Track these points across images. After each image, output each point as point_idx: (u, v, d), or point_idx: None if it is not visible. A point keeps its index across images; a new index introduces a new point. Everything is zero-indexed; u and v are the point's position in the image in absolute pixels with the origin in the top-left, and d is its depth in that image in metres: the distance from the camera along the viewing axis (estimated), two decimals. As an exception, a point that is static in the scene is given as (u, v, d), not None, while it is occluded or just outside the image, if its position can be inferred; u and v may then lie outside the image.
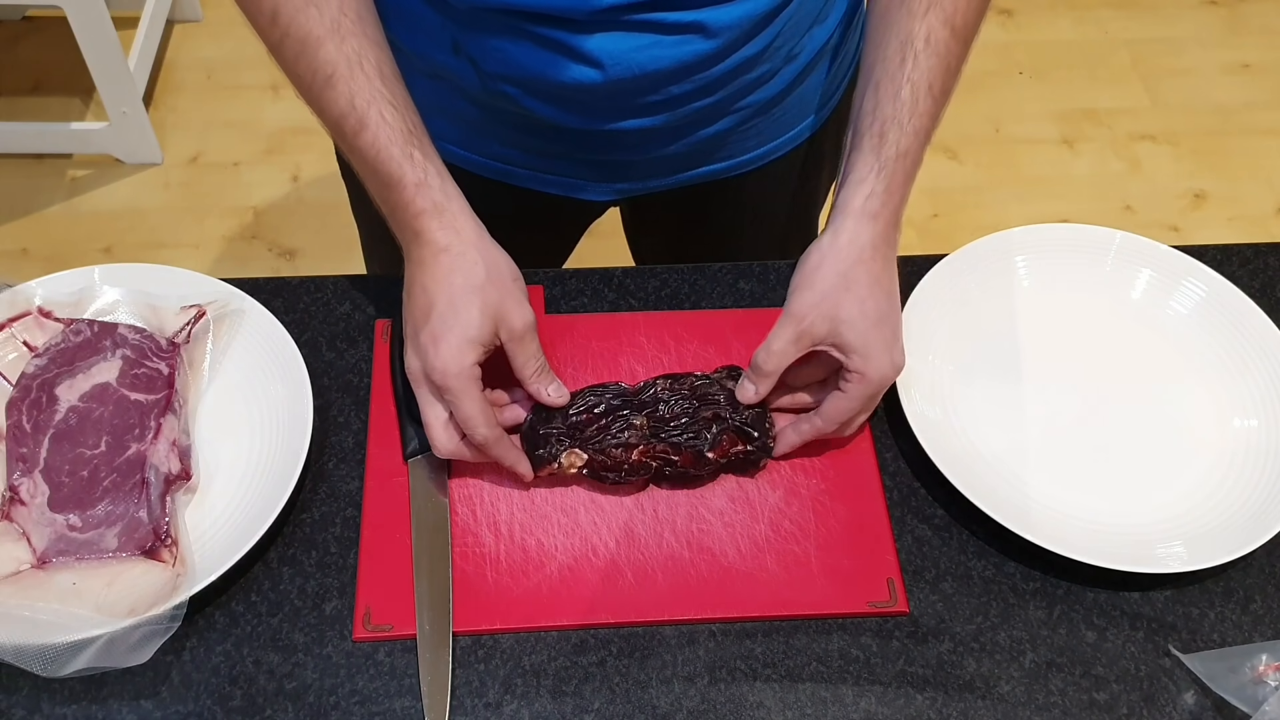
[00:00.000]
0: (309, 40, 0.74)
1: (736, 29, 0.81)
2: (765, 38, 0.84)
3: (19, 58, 2.35)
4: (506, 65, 0.83)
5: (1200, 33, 2.53)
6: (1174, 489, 0.81)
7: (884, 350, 0.76)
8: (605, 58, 0.80)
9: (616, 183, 0.97)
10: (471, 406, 0.73)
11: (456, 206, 0.75)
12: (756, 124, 0.94)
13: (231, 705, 0.71)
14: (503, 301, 0.74)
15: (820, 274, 0.76)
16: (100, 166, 2.19)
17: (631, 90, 0.83)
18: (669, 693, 0.72)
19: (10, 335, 0.82)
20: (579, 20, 0.78)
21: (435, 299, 0.74)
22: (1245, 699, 0.71)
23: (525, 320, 0.75)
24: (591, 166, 0.95)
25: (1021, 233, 0.92)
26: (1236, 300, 0.89)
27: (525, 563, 0.76)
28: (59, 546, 0.73)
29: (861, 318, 0.75)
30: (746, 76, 0.87)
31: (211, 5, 2.45)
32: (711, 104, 0.88)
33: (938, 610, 0.76)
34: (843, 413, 0.78)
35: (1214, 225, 2.20)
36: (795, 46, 0.89)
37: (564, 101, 0.85)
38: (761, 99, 0.91)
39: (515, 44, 0.81)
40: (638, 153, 0.93)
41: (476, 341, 0.73)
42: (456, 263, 0.74)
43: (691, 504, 0.79)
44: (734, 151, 0.96)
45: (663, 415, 0.79)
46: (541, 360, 0.77)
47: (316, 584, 0.76)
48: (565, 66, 0.81)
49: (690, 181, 0.98)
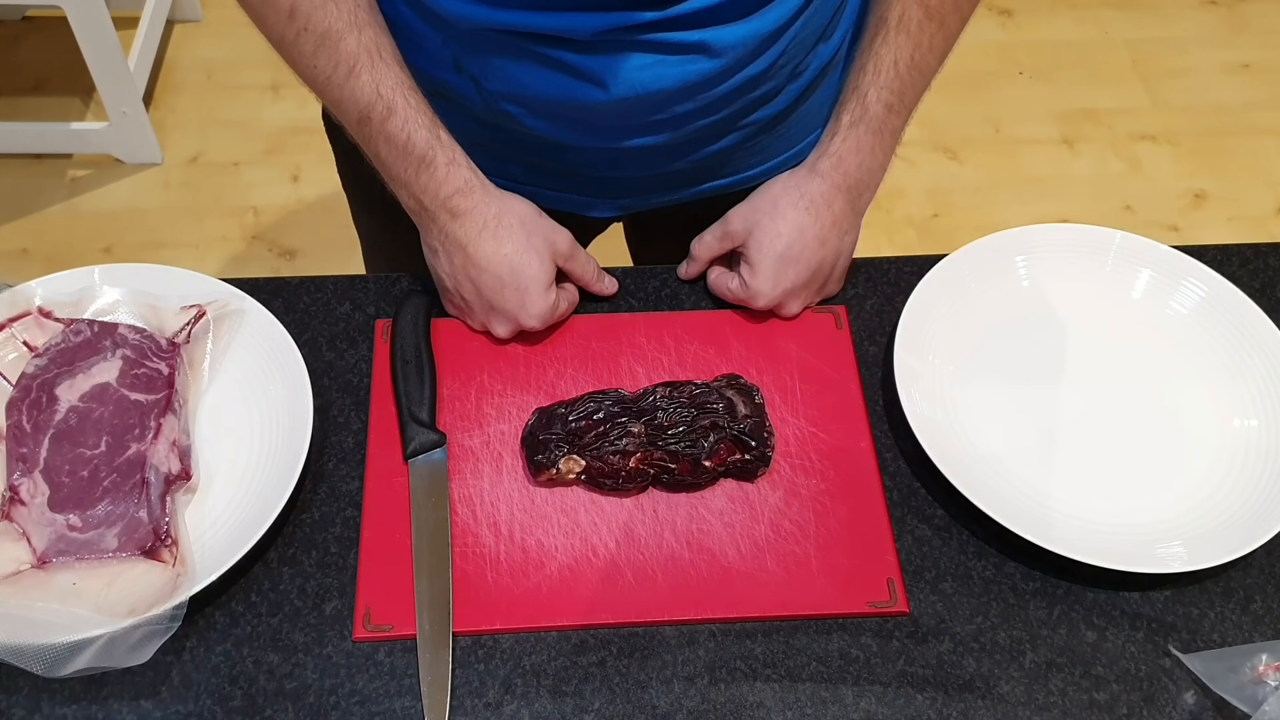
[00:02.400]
0: (330, 34, 0.76)
1: (741, 48, 0.81)
2: (770, 56, 0.84)
3: (19, 58, 2.34)
4: (509, 84, 0.83)
5: (1200, 33, 2.53)
6: (1174, 489, 0.81)
7: (772, 278, 0.86)
8: (609, 77, 0.80)
9: (620, 199, 0.97)
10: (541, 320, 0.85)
11: (478, 179, 0.82)
12: (761, 140, 0.94)
13: (231, 705, 0.71)
14: (545, 236, 0.84)
15: (761, 194, 0.88)
16: (100, 166, 2.19)
17: (635, 109, 0.83)
18: (669, 693, 0.72)
19: (10, 335, 0.82)
20: (582, 40, 0.78)
21: (499, 270, 0.82)
22: (1245, 699, 0.71)
23: (567, 238, 0.86)
24: (595, 184, 0.95)
25: (1021, 233, 0.92)
26: (1236, 300, 0.89)
27: (525, 563, 0.76)
28: (59, 546, 0.73)
29: (771, 241, 0.85)
30: (751, 94, 0.86)
31: (211, 5, 2.45)
32: (716, 122, 0.87)
33: (938, 610, 0.76)
34: (725, 292, 0.89)
35: (1214, 225, 2.20)
36: (800, 64, 0.88)
37: (567, 120, 0.85)
38: (766, 116, 0.90)
39: (518, 64, 0.81)
40: (641, 170, 0.92)
41: (548, 281, 0.84)
42: (499, 231, 0.82)
43: (691, 504, 0.79)
44: (738, 168, 0.96)
45: (661, 423, 0.79)
46: (594, 261, 0.89)
47: (316, 584, 0.76)
48: (568, 86, 0.81)
49: (694, 198, 0.98)
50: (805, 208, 0.85)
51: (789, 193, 0.86)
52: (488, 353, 0.86)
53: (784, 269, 0.85)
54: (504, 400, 0.84)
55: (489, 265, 0.82)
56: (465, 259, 0.82)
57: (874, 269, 0.93)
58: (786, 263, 0.85)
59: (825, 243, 0.86)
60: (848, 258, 0.90)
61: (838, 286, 0.90)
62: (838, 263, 0.88)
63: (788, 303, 0.87)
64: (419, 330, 0.85)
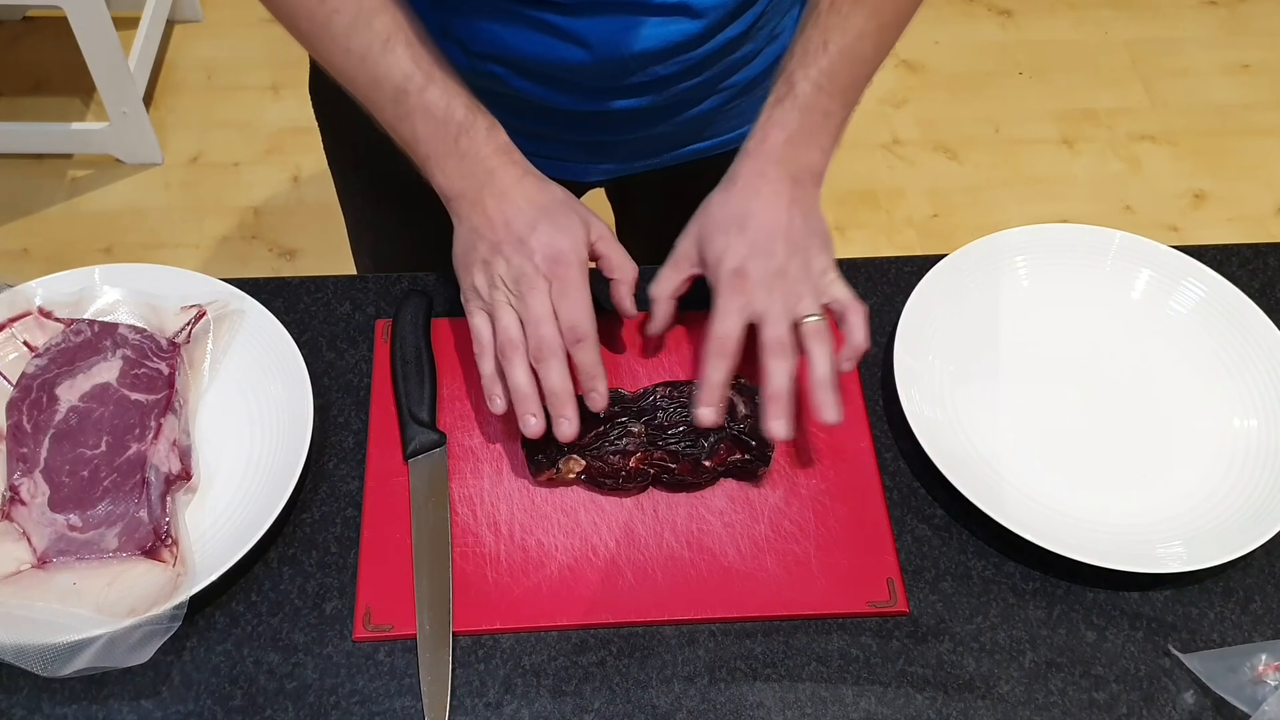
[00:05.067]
0: (362, 12, 0.76)
1: (721, 9, 0.83)
2: (749, 18, 0.86)
3: (19, 58, 2.35)
4: (494, 46, 0.84)
5: (1200, 33, 2.53)
6: (1174, 489, 0.81)
7: (721, 234, 0.78)
8: (593, 38, 0.81)
9: (604, 163, 0.99)
10: (582, 294, 0.76)
11: (517, 150, 0.80)
12: (740, 103, 0.96)
13: (232, 705, 0.71)
14: (583, 212, 0.80)
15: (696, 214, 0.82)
16: (100, 166, 2.19)
17: (618, 71, 0.85)
18: (669, 693, 0.72)
19: (10, 335, 0.82)
20: (567, 3, 0.79)
21: (535, 208, 0.77)
22: (1245, 699, 0.71)
23: (602, 222, 0.81)
24: (579, 148, 0.96)
25: (1021, 233, 0.92)
26: (1236, 300, 0.89)
27: (525, 563, 0.76)
28: (59, 546, 0.73)
29: (714, 226, 0.79)
30: (731, 57, 0.89)
31: (211, 5, 2.45)
32: (697, 84, 0.89)
33: (938, 610, 0.76)
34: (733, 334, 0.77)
35: (1214, 225, 2.20)
36: (777, 26, 0.91)
37: (552, 82, 0.87)
38: (745, 78, 0.93)
39: (504, 26, 0.82)
40: (625, 134, 0.94)
41: (585, 238, 0.78)
42: (541, 184, 0.79)
43: (691, 504, 0.79)
44: (719, 130, 0.98)
45: (661, 423, 0.79)
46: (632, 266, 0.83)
47: (317, 584, 0.76)
48: (553, 47, 0.82)
49: (676, 161, 1.00)
50: (737, 189, 0.80)
51: (716, 193, 0.81)
52: (488, 353, 0.86)
53: (738, 235, 0.78)
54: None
55: (526, 202, 0.77)
56: (500, 200, 0.77)
57: (874, 269, 0.93)
58: (735, 227, 0.78)
59: (770, 207, 0.79)
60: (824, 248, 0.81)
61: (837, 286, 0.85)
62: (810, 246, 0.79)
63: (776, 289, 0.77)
64: (419, 330, 0.85)
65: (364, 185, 1.08)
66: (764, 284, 0.77)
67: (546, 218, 0.77)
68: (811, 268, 0.79)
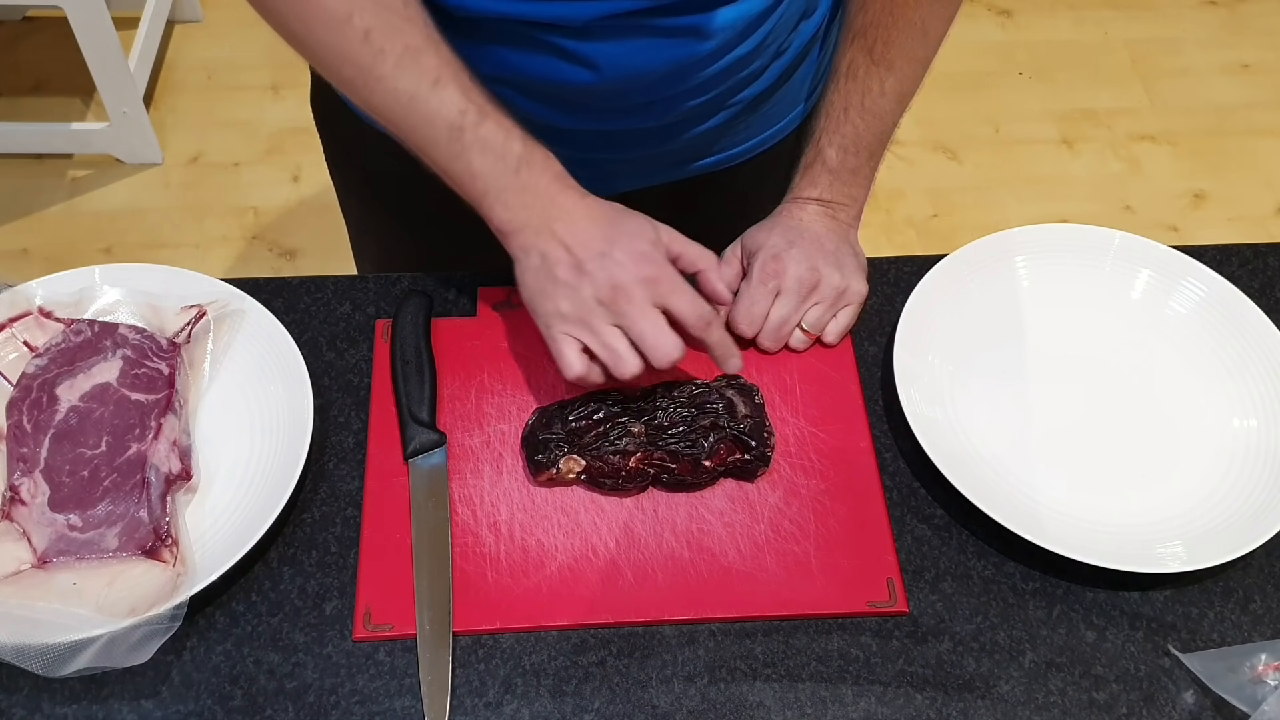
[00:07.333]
0: (409, 50, 0.74)
1: (731, 30, 0.82)
2: (758, 36, 0.85)
3: (19, 58, 2.35)
4: (501, 68, 0.83)
5: (1200, 33, 2.53)
6: (1174, 489, 0.81)
7: (765, 232, 0.88)
8: (601, 60, 0.81)
9: (611, 181, 0.98)
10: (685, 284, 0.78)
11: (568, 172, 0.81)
12: (746, 119, 0.95)
13: (232, 705, 0.71)
14: (645, 217, 0.81)
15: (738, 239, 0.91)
16: (100, 166, 2.19)
17: (626, 91, 0.84)
18: (669, 693, 0.72)
19: (11, 335, 0.82)
20: (576, 27, 0.79)
21: (605, 223, 0.78)
22: (1244, 698, 0.71)
23: (663, 224, 0.81)
24: (585, 167, 0.95)
25: (1021, 233, 0.92)
26: (1236, 300, 0.89)
27: (525, 563, 0.76)
28: (59, 546, 0.73)
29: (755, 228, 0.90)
30: (739, 74, 0.88)
31: (212, 5, 2.45)
32: (705, 102, 0.89)
33: (937, 610, 0.76)
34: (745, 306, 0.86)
35: (1214, 225, 2.20)
36: (784, 42, 0.90)
37: (558, 102, 0.86)
38: (752, 95, 0.92)
39: (511, 48, 0.82)
40: (632, 152, 0.94)
41: (659, 239, 0.79)
42: (600, 201, 0.80)
43: (691, 504, 0.79)
44: (725, 146, 0.98)
45: (661, 423, 0.79)
46: None
47: (317, 584, 0.76)
48: (561, 69, 0.82)
49: (684, 176, 1.00)
50: (779, 219, 0.90)
51: (755, 227, 0.90)
52: (488, 353, 0.86)
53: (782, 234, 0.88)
54: (504, 400, 0.84)
55: (596, 218, 0.78)
56: (569, 223, 0.78)
57: (874, 269, 0.93)
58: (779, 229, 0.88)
59: (813, 227, 0.88)
60: (858, 270, 0.88)
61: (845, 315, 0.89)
62: (845, 264, 0.87)
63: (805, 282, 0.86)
64: (419, 330, 0.85)
65: (367, 197, 1.07)
66: (795, 275, 0.85)
67: (618, 229, 0.78)
68: (839, 287, 0.87)
